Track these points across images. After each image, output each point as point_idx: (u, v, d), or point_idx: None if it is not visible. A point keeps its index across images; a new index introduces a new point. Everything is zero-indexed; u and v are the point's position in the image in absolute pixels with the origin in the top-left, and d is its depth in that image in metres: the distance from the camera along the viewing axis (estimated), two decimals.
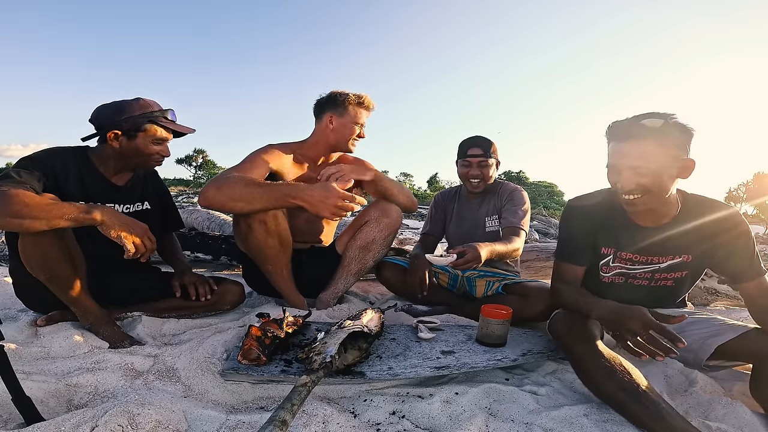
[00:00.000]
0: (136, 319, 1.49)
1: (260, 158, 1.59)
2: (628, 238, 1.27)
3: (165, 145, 1.44)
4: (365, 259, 1.74)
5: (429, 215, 2.14)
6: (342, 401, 1.06)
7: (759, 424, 1.00)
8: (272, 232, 1.54)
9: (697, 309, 1.99)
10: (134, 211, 1.50)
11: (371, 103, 1.77)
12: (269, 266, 1.62)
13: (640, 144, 1.06)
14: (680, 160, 1.09)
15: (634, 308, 1.01)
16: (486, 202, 1.96)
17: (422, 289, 1.70)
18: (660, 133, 1.05)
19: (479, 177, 1.87)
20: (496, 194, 1.96)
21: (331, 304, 1.73)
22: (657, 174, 1.07)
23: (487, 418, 0.98)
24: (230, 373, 1.08)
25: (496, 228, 1.90)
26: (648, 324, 0.96)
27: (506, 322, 1.33)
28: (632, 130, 1.07)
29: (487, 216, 1.95)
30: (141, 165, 1.46)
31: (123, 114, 1.35)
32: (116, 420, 0.84)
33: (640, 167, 1.07)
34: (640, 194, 1.11)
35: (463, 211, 2.03)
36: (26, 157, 1.28)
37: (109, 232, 1.16)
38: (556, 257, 1.38)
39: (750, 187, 35.47)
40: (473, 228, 1.97)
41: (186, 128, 1.48)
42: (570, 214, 1.35)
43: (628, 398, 0.95)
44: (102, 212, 1.16)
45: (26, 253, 1.19)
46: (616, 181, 1.14)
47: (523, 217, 1.83)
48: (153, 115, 1.38)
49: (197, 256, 2.62)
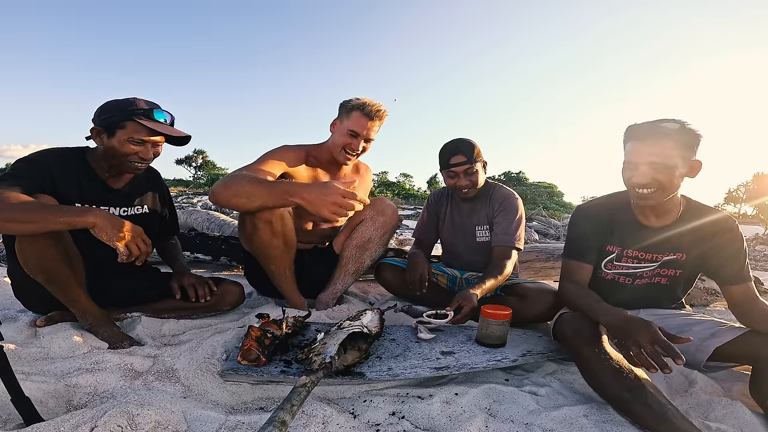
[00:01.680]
0: (135, 319, 1.49)
1: (273, 158, 1.58)
2: (634, 237, 1.34)
3: (146, 146, 1.34)
4: (362, 259, 1.74)
5: (422, 218, 2.05)
6: (342, 402, 1.06)
7: (759, 424, 1.00)
8: (278, 233, 1.53)
9: (697, 310, 1.99)
10: (131, 215, 1.48)
11: (378, 112, 1.65)
12: (272, 266, 1.62)
13: (659, 143, 1.16)
14: (690, 161, 1.19)
15: (644, 321, 1.03)
16: (477, 210, 1.88)
17: (422, 286, 1.68)
18: (676, 135, 1.16)
19: (468, 185, 1.76)
20: (488, 199, 1.86)
21: (331, 305, 1.73)
22: (670, 171, 1.17)
23: (486, 418, 0.98)
24: (230, 374, 1.08)
25: (486, 239, 1.85)
26: (656, 340, 0.98)
27: (506, 323, 1.33)
28: (652, 130, 1.18)
29: (477, 225, 1.87)
30: (120, 166, 1.37)
31: (108, 111, 1.31)
32: (115, 420, 0.84)
33: (657, 163, 1.16)
34: (654, 189, 1.19)
35: (455, 216, 1.96)
36: (23, 158, 1.27)
37: (102, 236, 1.14)
38: (565, 256, 1.42)
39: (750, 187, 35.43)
40: (464, 237, 1.92)
41: (173, 130, 1.38)
42: (578, 215, 1.44)
43: (633, 399, 0.96)
44: (96, 215, 1.14)
45: (23, 255, 1.19)
46: (630, 176, 1.22)
47: (516, 231, 1.75)
48: (134, 113, 1.30)
49: (197, 257, 2.62)
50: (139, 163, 1.36)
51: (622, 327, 1.05)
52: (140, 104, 1.33)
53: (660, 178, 1.17)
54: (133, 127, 1.30)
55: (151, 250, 1.25)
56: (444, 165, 1.77)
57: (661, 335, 0.98)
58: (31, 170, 1.23)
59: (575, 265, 1.38)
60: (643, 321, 1.04)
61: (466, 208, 1.91)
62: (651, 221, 1.32)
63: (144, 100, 1.36)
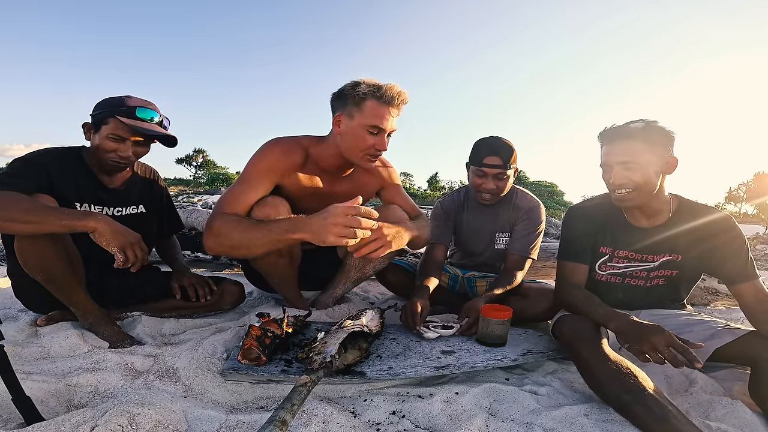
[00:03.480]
0: (135, 318, 1.49)
1: (261, 173, 1.34)
2: (625, 238, 1.35)
3: (125, 144, 1.31)
4: (365, 269, 1.67)
5: (434, 224, 1.83)
6: (342, 401, 1.06)
7: (759, 424, 1.00)
8: (284, 253, 1.47)
9: (697, 309, 1.99)
10: (126, 214, 1.47)
11: (399, 95, 1.30)
12: (276, 279, 1.59)
13: (626, 142, 1.21)
14: (664, 158, 1.21)
15: (656, 326, 1.04)
16: (499, 216, 1.78)
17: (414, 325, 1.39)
18: (642, 133, 1.20)
19: (494, 191, 1.64)
20: (511, 206, 1.76)
21: (330, 305, 1.72)
22: (644, 168, 1.20)
23: (487, 417, 0.98)
24: (230, 373, 1.08)
25: (504, 246, 1.78)
26: (671, 343, 0.99)
27: (506, 322, 1.33)
28: (619, 131, 1.23)
29: (498, 232, 1.79)
30: (102, 163, 1.35)
31: (98, 107, 1.31)
32: (116, 420, 0.84)
33: (628, 162, 1.20)
34: (630, 189, 1.22)
35: (473, 222, 1.84)
36: (20, 157, 1.27)
37: (101, 240, 1.15)
38: (560, 258, 1.42)
39: (750, 187, 35.40)
40: (481, 244, 1.84)
41: (155, 129, 1.33)
42: (571, 216, 1.44)
43: (632, 400, 0.96)
44: (97, 220, 1.15)
45: (23, 255, 1.19)
46: (608, 179, 1.27)
47: (534, 242, 1.71)
48: (117, 110, 1.28)
49: (197, 256, 2.62)
50: (118, 161, 1.33)
51: (634, 332, 1.06)
52: (129, 102, 1.31)
53: (633, 177, 1.20)
54: (114, 124, 1.29)
55: (147, 258, 1.25)
56: (476, 161, 1.63)
57: (677, 339, 0.99)
58: (30, 170, 1.22)
59: (571, 267, 1.37)
60: (655, 326, 1.04)
61: (487, 213, 1.80)
62: (641, 222, 1.33)
63: (137, 99, 1.34)
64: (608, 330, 1.19)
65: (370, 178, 1.58)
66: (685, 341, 1.00)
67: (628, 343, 1.06)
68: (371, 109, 1.29)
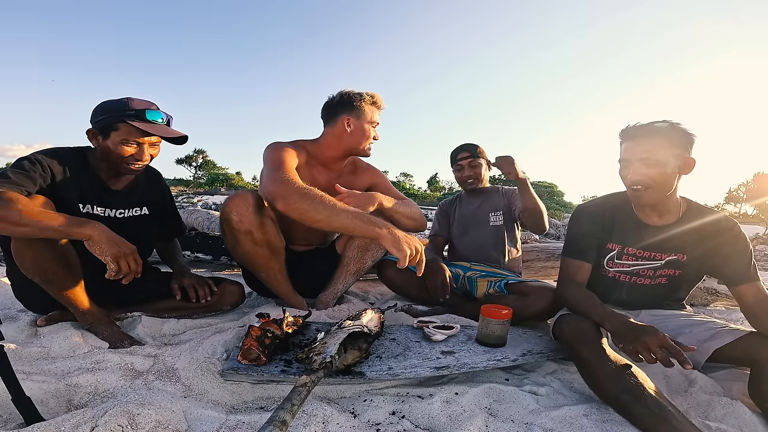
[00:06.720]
0: (135, 319, 1.49)
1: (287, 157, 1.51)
2: (635, 235, 1.36)
3: (141, 148, 1.32)
4: (364, 259, 1.74)
5: (436, 220, 2.27)
6: (342, 401, 1.06)
7: (759, 424, 1.00)
8: (259, 242, 1.52)
9: (697, 310, 1.99)
10: (129, 216, 1.46)
11: (383, 102, 1.76)
12: (262, 273, 1.62)
13: (649, 140, 1.22)
14: (682, 158, 1.22)
15: (651, 327, 1.05)
16: (491, 200, 2.09)
17: (444, 293, 1.73)
18: (665, 132, 1.21)
19: (472, 176, 2.06)
20: (499, 193, 2.10)
21: (331, 305, 1.73)
22: (663, 166, 1.21)
23: (487, 418, 0.98)
24: (230, 373, 1.08)
25: (499, 223, 2.04)
26: (664, 344, 1.00)
27: (506, 322, 1.33)
28: (642, 129, 1.24)
29: (491, 212, 2.06)
30: (115, 168, 1.36)
31: (102, 112, 1.30)
32: (116, 420, 0.84)
33: (648, 159, 1.21)
34: (646, 186, 1.23)
35: (465, 211, 2.15)
36: (24, 157, 1.26)
37: (95, 249, 1.15)
38: (564, 255, 1.43)
39: (750, 187, 35.41)
40: (476, 224, 2.08)
41: (168, 130, 1.35)
42: (578, 214, 1.45)
43: (632, 401, 0.96)
44: (93, 228, 1.14)
45: (20, 256, 1.18)
46: (626, 174, 1.27)
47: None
48: (126, 114, 1.28)
49: (197, 256, 2.62)
50: (134, 165, 1.35)
51: (629, 333, 1.06)
52: (133, 105, 1.30)
53: (652, 174, 1.22)
54: (126, 130, 1.29)
55: (141, 270, 1.23)
56: (453, 161, 2.11)
57: (670, 341, 1.00)
58: (31, 170, 1.21)
59: (576, 264, 1.38)
60: (650, 327, 1.05)
61: (477, 201, 2.12)
62: (652, 220, 1.34)
63: (139, 100, 1.33)
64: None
65: (360, 175, 1.84)
66: (678, 343, 1.00)
67: (622, 343, 1.07)
68: (371, 112, 1.69)
